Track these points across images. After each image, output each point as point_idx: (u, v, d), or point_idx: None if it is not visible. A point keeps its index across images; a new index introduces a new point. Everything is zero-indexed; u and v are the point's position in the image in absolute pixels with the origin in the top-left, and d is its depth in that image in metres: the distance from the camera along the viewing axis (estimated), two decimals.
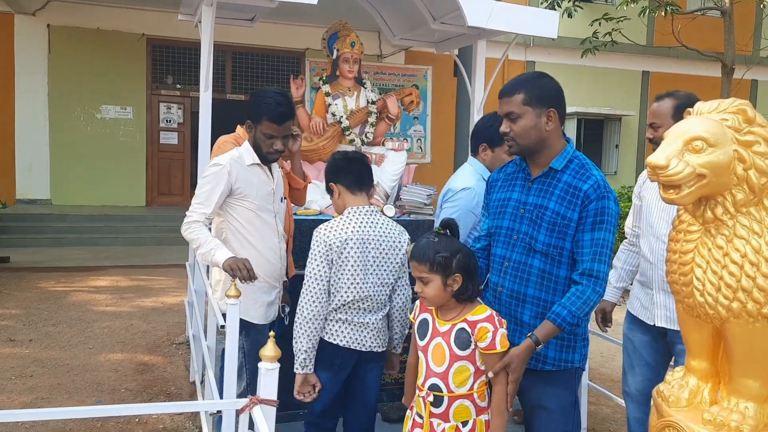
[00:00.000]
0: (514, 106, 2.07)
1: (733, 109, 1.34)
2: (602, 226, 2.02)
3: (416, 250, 2.10)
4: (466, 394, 2.06)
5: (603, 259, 2.02)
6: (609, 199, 2.04)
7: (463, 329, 2.05)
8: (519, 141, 2.09)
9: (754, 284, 1.31)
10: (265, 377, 1.68)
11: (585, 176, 2.06)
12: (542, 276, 2.11)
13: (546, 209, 2.08)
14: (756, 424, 1.38)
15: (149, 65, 11.37)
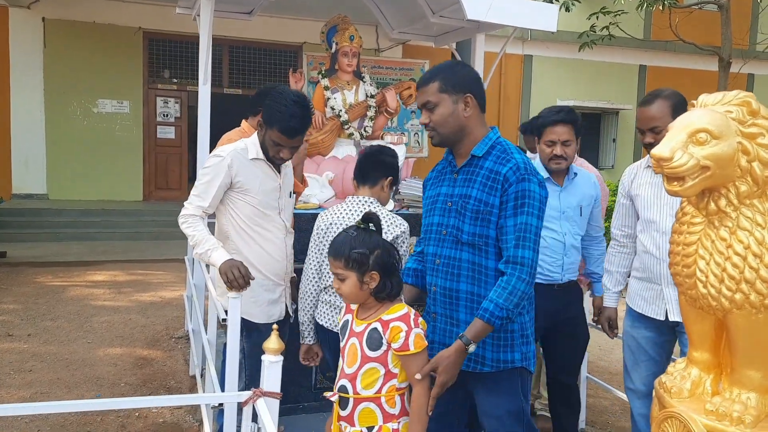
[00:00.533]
0: (430, 95, 2.01)
1: (737, 101, 1.34)
2: (524, 209, 1.93)
3: (333, 244, 2.02)
4: (373, 397, 1.94)
5: (527, 244, 1.93)
6: (530, 181, 1.95)
7: (375, 329, 1.95)
8: (439, 130, 2.03)
9: (757, 276, 1.32)
10: (269, 370, 1.68)
11: (505, 160, 1.99)
12: (472, 269, 2.03)
13: (469, 198, 2.01)
14: (758, 415, 1.39)
15: (146, 59, 11.32)
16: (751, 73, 14.34)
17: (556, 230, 2.92)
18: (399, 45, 11.51)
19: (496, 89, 13.05)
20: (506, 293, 1.90)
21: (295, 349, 2.84)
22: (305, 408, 3.59)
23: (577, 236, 2.94)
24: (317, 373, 3.65)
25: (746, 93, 1.36)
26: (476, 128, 2.04)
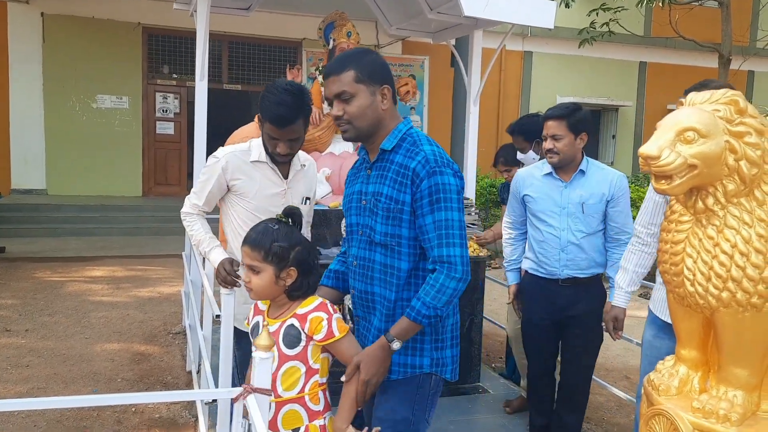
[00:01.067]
0: (346, 85, 1.83)
1: (725, 99, 1.34)
2: (441, 205, 1.80)
3: (252, 234, 1.92)
4: (296, 398, 1.87)
5: (452, 241, 1.80)
6: (443, 173, 1.81)
7: (291, 325, 1.87)
8: (355, 123, 1.86)
9: (744, 274, 1.32)
10: (259, 366, 1.68)
11: (414, 153, 1.85)
12: (384, 271, 1.91)
13: (381, 195, 1.88)
14: (744, 413, 1.39)
15: (145, 54, 11.32)
16: (751, 70, 14.32)
17: (554, 225, 2.93)
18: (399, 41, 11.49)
19: (495, 85, 13.04)
20: (434, 291, 1.80)
21: None
22: None
23: (579, 233, 2.91)
24: None
25: (734, 91, 1.36)
26: (391, 121, 1.92)
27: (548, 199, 2.97)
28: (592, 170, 2.96)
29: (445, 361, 1.96)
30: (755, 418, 1.43)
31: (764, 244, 1.31)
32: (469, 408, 3.80)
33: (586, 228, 2.91)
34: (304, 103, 2.46)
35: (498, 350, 5.07)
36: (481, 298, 4.07)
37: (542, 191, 3.00)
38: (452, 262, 1.79)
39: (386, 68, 1.92)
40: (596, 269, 2.98)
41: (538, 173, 3.04)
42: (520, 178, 3.12)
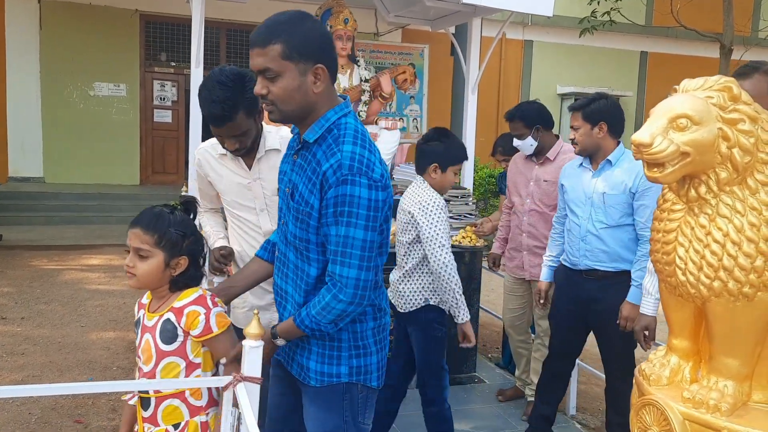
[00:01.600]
0: (271, 61, 1.58)
1: (718, 86, 1.32)
2: (344, 219, 1.59)
3: (145, 216, 1.80)
4: (176, 393, 1.79)
5: (347, 261, 1.62)
6: (354, 183, 1.57)
7: (168, 320, 1.78)
8: (281, 106, 1.63)
9: (735, 263, 1.31)
10: (249, 355, 1.67)
11: (331, 153, 1.62)
12: (296, 272, 1.78)
13: (296, 191, 1.71)
14: (734, 403, 1.38)
15: (142, 42, 11.24)
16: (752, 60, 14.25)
17: (578, 215, 2.93)
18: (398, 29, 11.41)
19: (495, 74, 12.97)
20: (319, 307, 1.67)
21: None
22: None
23: (599, 223, 2.85)
24: None
25: (728, 78, 1.34)
26: (325, 106, 1.67)
27: (577, 188, 2.96)
28: (622, 161, 2.88)
29: (369, 368, 1.81)
30: (746, 408, 1.42)
31: (756, 233, 1.30)
32: (465, 398, 3.80)
33: (607, 219, 2.83)
34: (241, 96, 2.12)
35: (495, 340, 5.07)
36: (478, 289, 4.06)
37: (574, 180, 3.00)
38: (344, 283, 1.63)
39: (324, 42, 1.65)
40: (622, 264, 2.84)
41: (576, 163, 3.05)
42: (563, 169, 3.15)
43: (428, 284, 2.73)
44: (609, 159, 2.88)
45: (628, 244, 2.83)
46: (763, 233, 1.31)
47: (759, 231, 1.30)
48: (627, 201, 2.80)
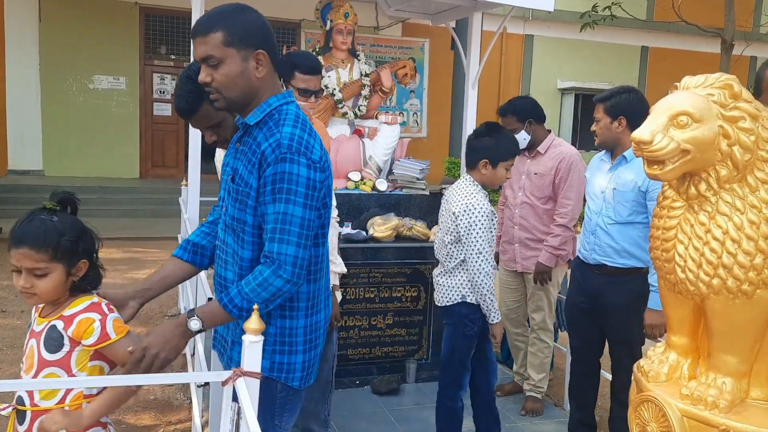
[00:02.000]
0: (213, 49, 1.60)
1: (719, 84, 1.32)
2: (282, 196, 1.60)
3: (29, 233, 1.63)
4: (55, 408, 1.64)
5: (286, 238, 1.61)
6: (293, 161, 1.60)
7: (54, 327, 1.65)
8: (225, 93, 1.65)
9: (735, 261, 1.31)
10: (249, 350, 1.68)
11: (270, 134, 1.65)
12: (234, 257, 1.75)
13: (237, 174, 1.72)
14: (732, 400, 1.39)
15: (142, 35, 11.21)
16: (753, 56, 14.22)
17: (591, 208, 2.95)
18: (399, 23, 11.39)
19: (496, 69, 12.95)
20: (255, 283, 1.61)
21: None
22: None
23: (607, 219, 2.85)
24: None
25: (728, 76, 1.34)
26: (267, 91, 1.70)
27: (594, 181, 2.97)
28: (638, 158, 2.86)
29: (293, 367, 1.76)
30: (744, 405, 1.42)
31: (756, 230, 1.30)
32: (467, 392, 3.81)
33: (615, 216, 2.82)
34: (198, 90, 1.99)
35: None
36: None
37: (593, 173, 3.02)
38: (282, 260, 1.61)
39: (264, 30, 1.69)
40: (631, 261, 2.82)
41: (601, 155, 3.04)
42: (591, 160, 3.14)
43: (467, 282, 2.74)
44: (624, 155, 2.85)
45: (638, 241, 2.80)
46: (762, 231, 1.31)
47: (759, 229, 1.30)
48: (636, 199, 2.77)
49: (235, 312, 1.63)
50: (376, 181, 4.12)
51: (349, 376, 3.78)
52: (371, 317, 3.81)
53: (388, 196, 4.08)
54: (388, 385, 3.67)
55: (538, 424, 3.52)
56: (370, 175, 4.17)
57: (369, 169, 4.20)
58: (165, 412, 3.49)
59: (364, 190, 4.07)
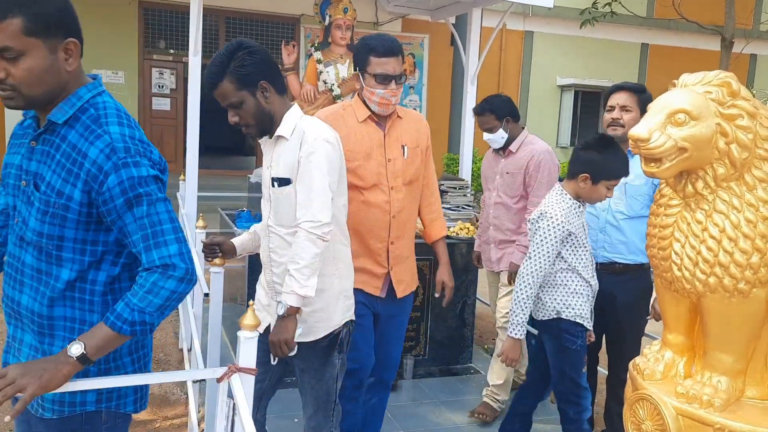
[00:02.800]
0: (11, 38, 1.33)
1: (717, 81, 1.31)
2: (141, 200, 1.42)
3: None
4: None
5: (162, 240, 1.43)
6: (138, 165, 1.41)
7: None
8: (26, 91, 1.38)
9: (732, 259, 1.31)
10: (244, 345, 1.67)
11: (95, 135, 1.40)
12: (37, 278, 1.47)
13: (42, 182, 1.43)
14: (728, 398, 1.39)
15: (141, 29, 11.17)
16: (753, 54, 14.20)
17: (596, 206, 2.85)
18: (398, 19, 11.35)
19: (495, 65, 12.92)
20: (143, 291, 1.41)
21: None
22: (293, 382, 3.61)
23: (619, 214, 2.81)
24: None
25: (726, 73, 1.33)
26: (76, 83, 1.48)
27: None
28: None
29: (124, 391, 1.56)
30: (739, 403, 1.42)
31: (753, 229, 1.29)
32: (461, 388, 3.81)
33: (627, 210, 2.79)
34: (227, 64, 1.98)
35: (491, 331, 5.08)
36: (475, 280, 4.07)
37: None
38: (169, 262, 1.43)
39: (72, 11, 1.48)
40: (640, 257, 2.79)
41: None
42: None
43: (561, 297, 2.59)
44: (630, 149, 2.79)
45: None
46: (759, 230, 1.31)
47: (755, 227, 1.30)
48: (648, 192, 2.75)
49: (126, 329, 1.40)
50: None
51: None
52: None
53: None
54: None
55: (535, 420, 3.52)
56: None
57: None
58: (162, 407, 3.49)
59: None
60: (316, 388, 2.22)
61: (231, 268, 3.87)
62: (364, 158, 2.40)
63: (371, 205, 2.42)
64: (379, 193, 2.43)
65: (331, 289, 2.13)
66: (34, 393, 1.33)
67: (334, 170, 2.04)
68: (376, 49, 2.35)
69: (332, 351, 2.19)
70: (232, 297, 4.20)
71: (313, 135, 2.01)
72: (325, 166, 1.99)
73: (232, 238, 2.43)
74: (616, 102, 2.84)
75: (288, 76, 4.43)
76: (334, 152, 2.04)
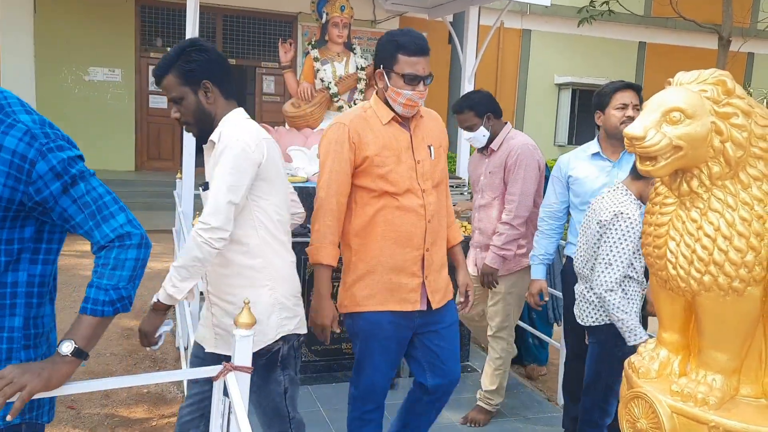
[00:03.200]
0: None
1: (712, 80, 1.32)
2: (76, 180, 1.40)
3: None
4: None
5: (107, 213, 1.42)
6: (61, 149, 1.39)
7: None
8: None
9: (726, 258, 1.31)
10: (239, 344, 1.67)
11: (5, 124, 1.35)
12: None
13: None
14: (722, 396, 1.39)
15: (138, 26, 11.15)
16: (751, 52, 14.22)
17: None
18: (396, 17, 11.34)
19: (493, 63, 12.92)
20: (108, 270, 1.41)
21: None
22: None
23: None
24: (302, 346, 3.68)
25: (722, 72, 1.33)
26: None
27: (596, 179, 2.86)
28: None
29: (41, 402, 1.51)
30: (734, 402, 1.43)
31: (747, 227, 1.30)
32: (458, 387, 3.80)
33: None
34: (174, 60, 1.99)
35: None
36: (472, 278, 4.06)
37: (590, 172, 2.87)
38: (120, 233, 1.42)
39: None
40: None
41: (584, 155, 2.94)
42: (564, 160, 3.00)
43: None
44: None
45: None
46: (754, 228, 1.31)
47: (750, 226, 1.30)
48: None
49: (108, 310, 1.41)
50: None
51: (343, 369, 3.78)
52: None
53: None
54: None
55: (532, 419, 3.53)
56: None
57: None
58: (158, 405, 3.49)
59: None
60: (263, 405, 2.12)
61: None
62: (395, 162, 2.25)
63: (407, 211, 2.26)
64: (413, 197, 2.28)
65: (260, 302, 1.99)
66: (34, 390, 1.31)
67: (241, 172, 1.91)
68: (406, 48, 2.20)
69: (274, 368, 2.06)
70: None
71: (227, 135, 1.94)
72: (228, 167, 1.90)
73: None
74: (629, 100, 2.80)
75: (285, 74, 4.43)
76: (244, 153, 1.91)
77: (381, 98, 2.31)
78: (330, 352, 3.77)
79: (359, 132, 2.24)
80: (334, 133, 2.27)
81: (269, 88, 11.87)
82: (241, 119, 2.06)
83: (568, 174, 2.97)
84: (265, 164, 1.99)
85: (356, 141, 2.23)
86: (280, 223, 2.09)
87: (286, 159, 4.15)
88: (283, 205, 2.10)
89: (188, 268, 1.92)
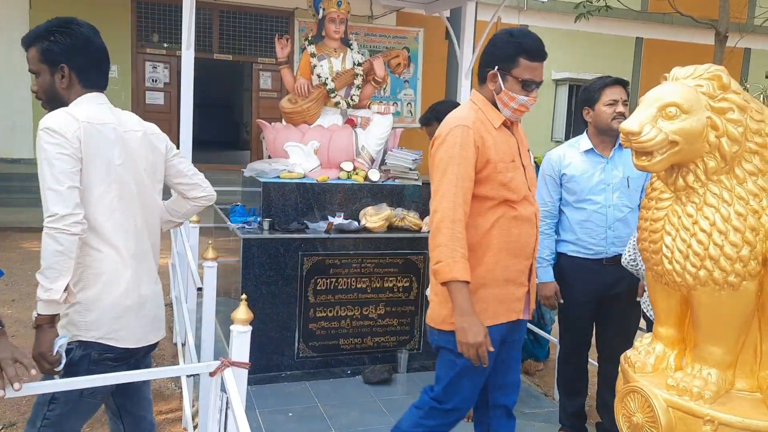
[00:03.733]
0: None
1: (708, 75, 1.32)
2: None
3: None
4: None
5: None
6: None
7: None
8: None
9: (722, 253, 1.31)
10: (237, 339, 1.68)
11: None
12: None
13: None
14: (718, 390, 1.40)
15: (134, 22, 11.10)
16: (747, 48, 14.23)
17: (599, 203, 2.84)
18: (393, 12, 11.31)
19: None
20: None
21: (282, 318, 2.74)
22: (287, 377, 3.63)
23: (625, 208, 2.83)
24: (299, 342, 3.68)
25: (717, 67, 1.34)
26: None
27: (592, 176, 2.86)
28: None
29: None
30: (729, 396, 1.43)
31: (743, 222, 1.30)
32: None
33: (631, 203, 2.82)
34: (42, 35, 1.99)
35: None
36: None
37: (584, 168, 2.87)
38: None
39: None
40: None
41: (575, 151, 2.93)
42: (555, 157, 2.97)
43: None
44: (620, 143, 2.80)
45: None
46: (749, 223, 1.31)
47: (745, 221, 1.31)
48: (644, 183, 2.80)
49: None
50: (369, 171, 4.11)
51: (341, 365, 3.79)
52: (363, 307, 3.81)
53: (380, 186, 4.06)
54: (379, 375, 3.68)
55: (529, 414, 3.54)
56: (362, 165, 4.16)
57: (361, 159, 4.18)
58: (156, 401, 3.49)
59: (356, 180, 4.05)
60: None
61: (224, 262, 3.86)
62: (514, 169, 2.13)
63: (523, 220, 2.15)
64: (528, 205, 2.17)
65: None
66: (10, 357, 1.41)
67: (60, 158, 1.86)
68: (530, 51, 2.06)
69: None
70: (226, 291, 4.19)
71: (40, 125, 1.89)
72: (45, 156, 1.85)
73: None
74: (618, 96, 2.83)
75: (282, 69, 4.42)
76: (54, 139, 1.87)
77: (489, 99, 2.17)
78: (327, 348, 3.77)
79: (482, 135, 2.09)
80: (457, 136, 2.08)
81: (266, 84, 11.83)
82: (63, 108, 1.98)
83: (561, 171, 2.96)
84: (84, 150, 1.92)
85: (480, 145, 2.08)
86: (102, 214, 2.00)
87: (283, 155, 4.15)
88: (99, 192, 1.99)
89: (54, 266, 1.82)
